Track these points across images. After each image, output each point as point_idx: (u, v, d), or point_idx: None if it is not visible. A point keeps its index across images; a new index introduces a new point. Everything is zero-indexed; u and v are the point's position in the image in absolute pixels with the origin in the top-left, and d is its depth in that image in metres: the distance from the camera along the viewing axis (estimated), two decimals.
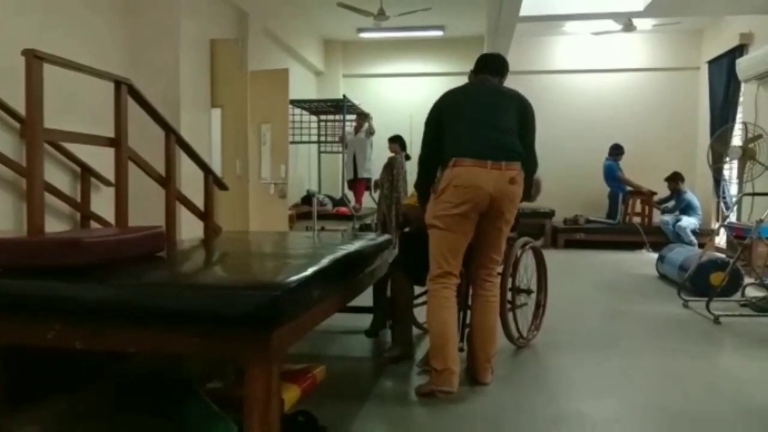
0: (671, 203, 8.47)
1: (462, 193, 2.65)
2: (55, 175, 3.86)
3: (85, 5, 4.21)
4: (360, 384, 2.86)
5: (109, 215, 3.77)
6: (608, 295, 5.28)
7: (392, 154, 7.35)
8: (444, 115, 2.83)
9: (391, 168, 7.18)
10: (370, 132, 8.54)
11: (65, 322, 1.95)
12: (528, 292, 3.56)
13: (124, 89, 2.96)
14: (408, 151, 7.39)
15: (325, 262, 2.40)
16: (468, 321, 3.09)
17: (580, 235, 8.82)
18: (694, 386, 2.92)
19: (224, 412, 2.19)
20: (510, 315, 3.30)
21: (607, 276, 6.38)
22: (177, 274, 2.27)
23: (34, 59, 2.36)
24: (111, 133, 2.99)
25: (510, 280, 3.30)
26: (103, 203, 4.14)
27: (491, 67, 3.02)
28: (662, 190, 8.59)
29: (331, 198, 8.52)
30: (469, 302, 3.01)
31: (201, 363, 2.60)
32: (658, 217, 8.59)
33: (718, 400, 2.74)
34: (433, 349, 2.73)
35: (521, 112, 2.84)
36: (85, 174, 4.05)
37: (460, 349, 3.09)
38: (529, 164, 2.86)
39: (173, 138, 3.43)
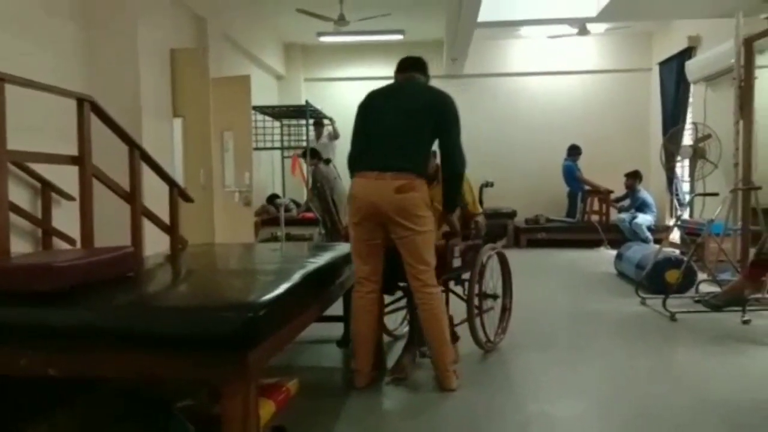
0: (627, 201, 8.74)
1: (355, 204, 2.86)
2: (15, 191, 3.77)
3: (43, 17, 4.12)
4: (333, 395, 2.90)
5: (71, 230, 3.71)
6: (570, 294, 5.43)
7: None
8: (361, 118, 2.98)
9: (314, 180, 7.38)
10: (335, 136, 8.59)
11: (37, 348, 1.93)
12: (494, 297, 3.65)
13: (86, 106, 2.93)
14: None
15: (297, 277, 2.43)
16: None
17: (541, 235, 9.02)
18: (653, 383, 3.06)
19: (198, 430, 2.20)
20: (477, 320, 3.39)
21: (568, 275, 6.56)
22: (150, 296, 2.27)
23: None
24: (75, 147, 2.95)
25: (477, 285, 3.38)
26: (64, 218, 4.06)
27: (417, 65, 3.07)
28: (619, 189, 8.85)
29: (296, 203, 8.51)
30: None
31: (173, 381, 2.60)
32: (615, 215, 8.85)
33: (676, 395, 2.87)
34: (353, 350, 3.01)
35: (438, 114, 2.86)
36: (46, 189, 3.97)
37: (423, 355, 3.18)
38: (451, 165, 2.92)
39: (137, 153, 3.40)
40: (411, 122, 2.86)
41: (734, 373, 3.21)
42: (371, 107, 2.98)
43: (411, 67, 3.06)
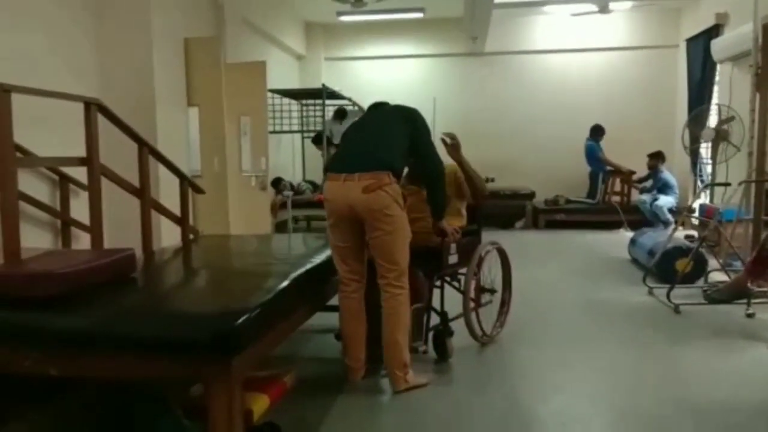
0: (649, 182, 8.62)
1: (327, 207, 2.96)
2: (35, 184, 3.95)
3: (55, 8, 4.23)
4: (327, 388, 3.01)
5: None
6: (579, 281, 5.44)
7: None
8: (342, 139, 3.34)
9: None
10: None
11: (40, 350, 2.08)
12: (491, 291, 3.70)
13: (93, 109, 3.05)
14: None
15: (289, 280, 2.54)
16: (431, 324, 3.29)
17: (560, 216, 8.98)
18: (643, 381, 3.11)
19: (201, 420, 2.32)
20: (473, 314, 3.46)
21: (581, 259, 6.55)
22: (145, 301, 2.40)
23: (3, 93, 2.45)
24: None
25: (474, 280, 3.45)
26: (82, 208, 4.24)
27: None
28: (641, 169, 8.72)
29: (312, 183, 8.60)
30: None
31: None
32: (636, 196, 8.75)
33: (661, 396, 2.91)
34: (344, 347, 3.11)
35: (412, 122, 3.06)
36: (63, 181, 4.14)
37: (424, 352, 3.27)
38: (430, 165, 3.06)
39: (146, 150, 3.52)
40: (385, 129, 3.04)
41: (726, 370, 3.23)
42: (352, 127, 3.26)
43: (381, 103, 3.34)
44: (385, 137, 2.99)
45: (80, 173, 4.08)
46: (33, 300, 2.13)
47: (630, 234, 6.98)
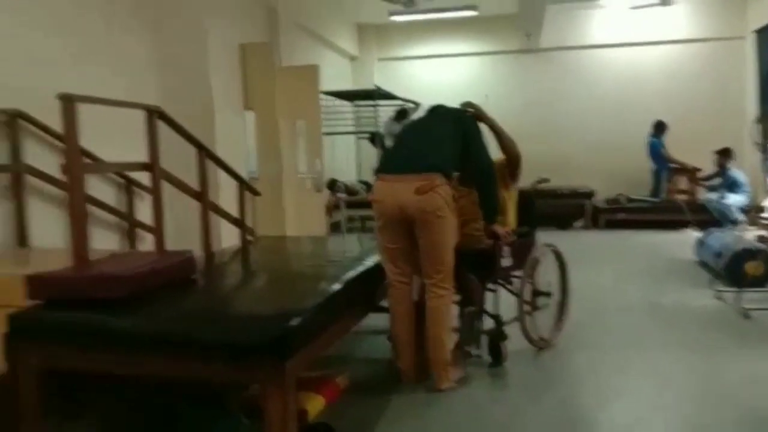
0: (717, 180, 8.25)
1: (376, 208, 2.96)
2: (103, 189, 4.12)
3: (112, 23, 4.40)
4: (380, 390, 3.02)
5: None
6: (642, 284, 5.25)
7: None
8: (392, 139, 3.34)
9: None
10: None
11: (106, 350, 2.17)
12: (547, 294, 3.62)
13: (154, 116, 3.16)
14: None
15: (340, 283, 2.57)
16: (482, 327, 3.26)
17: (621, 215, 8.70)
18: (707, 390, 2.98)
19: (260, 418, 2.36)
20: (527, 318, 3.39)
21: (644, 261, 6.32)
22: (203, 304, 2.47)
23: (69, 103, 2.56)
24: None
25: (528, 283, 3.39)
26: (148, 210, 4.39)
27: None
28: (706, 166, 8.36)
29: (366, 184, 8.64)
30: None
31: None
32: (704, 194, 8.39)
33: (727, 406, 2.79)
34: (396, 350, 3.10)
35: (457, 123, 3.07)
36: (130, 185, 4.31)
37: (477, 356, 3.23)
38: (480, 164, 3.03)
39: (204, 155, 3.62)
40: (437, 132, 3.03)
41: None
42: (404, 129, 3.29)
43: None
44: (437, 140, 2.98)
45: (145, 178, 4.25)
46: (99, 302, 2.22)
47: (697, 234, 6.71)
